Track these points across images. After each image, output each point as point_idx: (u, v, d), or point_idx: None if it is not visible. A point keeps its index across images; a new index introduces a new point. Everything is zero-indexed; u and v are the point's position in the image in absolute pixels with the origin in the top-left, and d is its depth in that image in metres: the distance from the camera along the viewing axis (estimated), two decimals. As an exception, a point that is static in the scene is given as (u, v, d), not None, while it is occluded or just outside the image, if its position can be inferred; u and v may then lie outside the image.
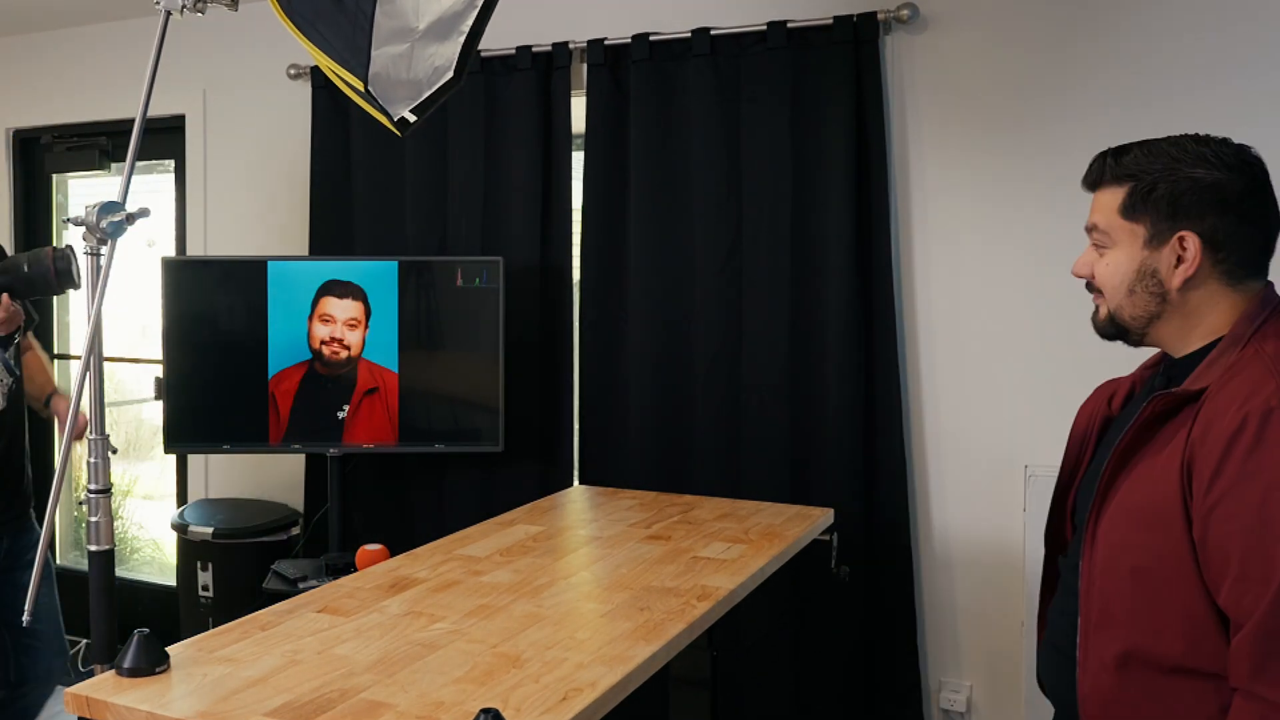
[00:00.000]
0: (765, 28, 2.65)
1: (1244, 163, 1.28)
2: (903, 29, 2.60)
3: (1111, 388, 1.53)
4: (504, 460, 2.99)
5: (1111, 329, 1.38)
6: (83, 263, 1.69)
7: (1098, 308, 1.39)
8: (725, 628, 2.59)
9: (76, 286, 2.07)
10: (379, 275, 2.77)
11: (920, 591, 2.67)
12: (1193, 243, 1.26)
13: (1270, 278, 1.36)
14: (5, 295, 2.15)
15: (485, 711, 1.21)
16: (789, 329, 2.71)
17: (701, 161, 2.77)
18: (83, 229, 1.57)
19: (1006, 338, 2.60)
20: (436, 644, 1.57)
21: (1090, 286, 1.39)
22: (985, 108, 2.59)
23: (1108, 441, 1.43)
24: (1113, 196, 1.33)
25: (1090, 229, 1.36)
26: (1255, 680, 1.15)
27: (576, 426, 3.02)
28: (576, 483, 3.02)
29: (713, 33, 2.71)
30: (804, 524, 2.33)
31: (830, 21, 2.60)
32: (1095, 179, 1.37)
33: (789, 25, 2.62)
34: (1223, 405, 1.21)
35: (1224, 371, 1.25)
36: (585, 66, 2.90)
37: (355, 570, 2.35)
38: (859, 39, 2.60)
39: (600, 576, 1.92)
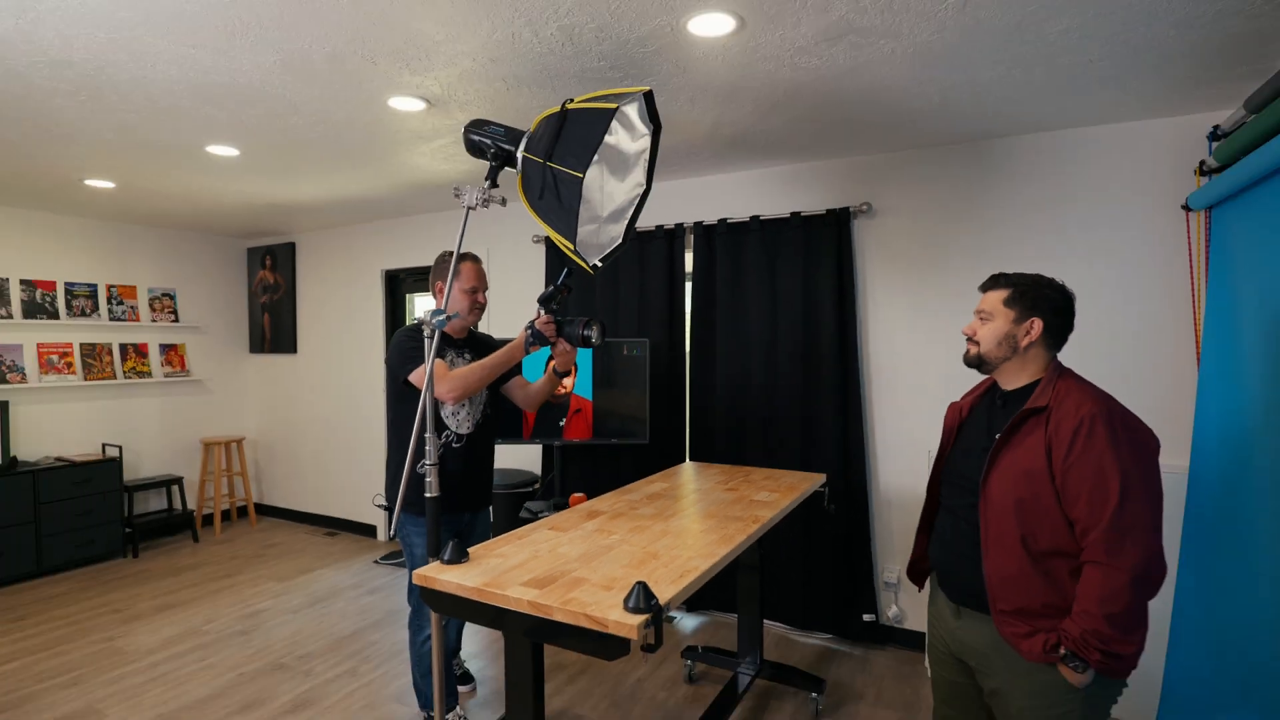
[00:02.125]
0: (789, 215, 3.54)
1: (1066, 294, 1.68)
2: (864, 216, 3.46)
3: (958, 405, 1.86)
4: (648, 448, 3.86)
5: (976, 362, 1.74)
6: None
7: (969, 350, 1.75)
8: (768, 537, 3.28)
9: (590, 346, 2.26)
10: (582, 349, 2.90)
11: (873, 519, 3.48)
12: (1037, 325, 1.65)
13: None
14: (562, 339, 2.26)
15: (639, 583, 1.33)
16: (802, 379, 3.50)
17: (755, 290, 3.58)
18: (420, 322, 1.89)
19: (923, 379, 3.34)
20: (612, 547, 1.70)
21: (970, 340, 1.75)
22: (912, 260, 3.33)
23: (974, 432, 1.75)
24: (1000, 294, 1.72)
25: (980, 310, 1.72)
26: (1110, 556, 1.46)
27: (688, 430, 3.80)
28: (687, 460, 3.74)
29: (761, 218, 3.60)
30: (810, 482, 2.64)
31: (824, 212, 3.48)
32: (991, 285, 1.74)
33: (802, 214, 3.51)
34: (1064, 415, 1.55)
35: (1053, 395, 1.59)
36: (691, 236, 3.76)
37: (568, 507, 2.81)
38: (839, 221, 3.44)
39: (700, 511, 2.11)
